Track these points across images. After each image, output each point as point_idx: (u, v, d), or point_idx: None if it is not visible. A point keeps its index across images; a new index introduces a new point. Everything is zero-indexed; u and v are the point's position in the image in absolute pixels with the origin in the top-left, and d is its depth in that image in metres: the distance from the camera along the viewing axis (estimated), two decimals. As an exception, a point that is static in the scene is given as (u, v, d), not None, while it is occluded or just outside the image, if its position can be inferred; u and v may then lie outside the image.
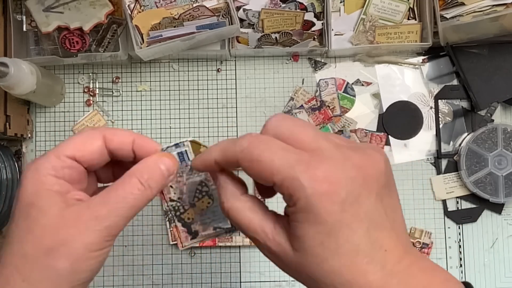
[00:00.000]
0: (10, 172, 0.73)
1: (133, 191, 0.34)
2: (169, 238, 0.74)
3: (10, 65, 0.60)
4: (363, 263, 0.30)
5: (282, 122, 0.33)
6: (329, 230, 0.29)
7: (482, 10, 0.68)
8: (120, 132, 0.36)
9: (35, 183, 0.33)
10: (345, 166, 0.30)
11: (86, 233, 0.32)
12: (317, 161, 0.30)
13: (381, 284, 0.30)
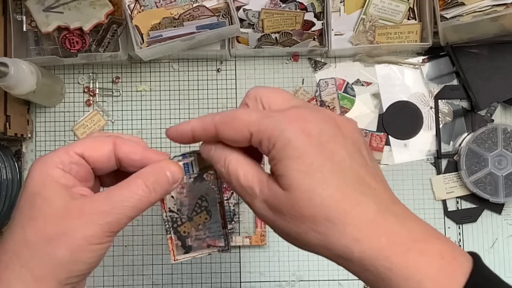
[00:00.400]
0: (10, 172, 0.73)
1: (138, 191, 0.35)
2: (169, 238, 0.74)
3: (10, 65, 0.60)
4: (355, 194, 0.30)
5: (259, 89, 0.35)
6: (311, 161, 0.30)
7: (482, 10, 0.68)
8: (130, 142, 0.37)
9: (42, 174, 0.34)
10: (319, 112, 0.32)
11: (88, 225, 0.33)
12: (291, 110, 0.32)
13: (378, 218, 0.30)
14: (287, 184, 0.31)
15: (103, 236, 0.33)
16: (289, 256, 0.75)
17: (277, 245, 0.75)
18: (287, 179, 0.31)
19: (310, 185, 0.30)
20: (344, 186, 0.30)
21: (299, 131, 0.31)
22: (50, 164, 0.35)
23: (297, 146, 0.30)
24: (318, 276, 0.75)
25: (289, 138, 0.30)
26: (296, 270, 0.75)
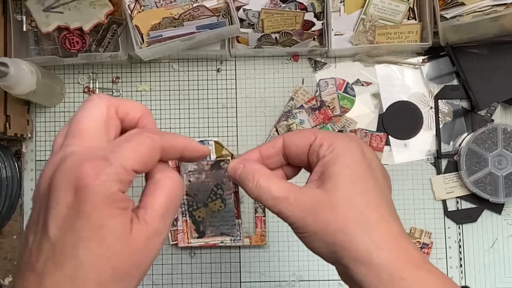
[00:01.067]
0: (10, 172, 0.73)
1: (178, 190, 0.34)
2: (169, 238, 0.74)
3: (10, 65, 0.60)
4: (386, 212, 0.35)
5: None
6: (361, 174, 0.36)
7: (482, 10, 0.68)
8: (175, 145, 0.35)
9: (105, 201, 0.30)
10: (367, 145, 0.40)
11: (152, 252, 0.33)
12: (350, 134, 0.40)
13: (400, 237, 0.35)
14: (333, 185, 0.35)
15: (160, 246, 0.34)
16: (289, 256, 0.75)
17: (277, 245, 0.75)
18: (335, 181, 0.35)
19: (354, 191, 0.35)
20: (379, 203, 0.35)
21: (358, 149, 0.37)
22: (110, 185, 0.31)
23: (353, 158, 0.36)
24: (318, 276, 0.75)
25: (349, 150, 0.36)
26: (296, 270, 0.75)
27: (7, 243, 0.75)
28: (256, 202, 0.47)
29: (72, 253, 0.30)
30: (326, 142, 0.37)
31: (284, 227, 0.75)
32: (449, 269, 0.74)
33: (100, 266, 0.31)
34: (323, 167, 0.36)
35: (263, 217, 0.74)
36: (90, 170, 0.30)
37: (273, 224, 0.75)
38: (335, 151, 0.36)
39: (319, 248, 0.36)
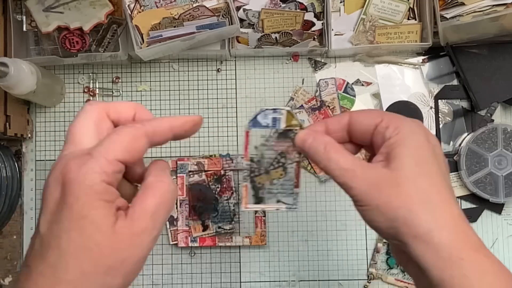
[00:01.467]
0: (10, 172, 0.73)
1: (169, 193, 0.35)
2: (169, 238, 0.74)
3: (10, 65, 0.60)
4: (448, 195, 0.37)
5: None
6: (425, 157, 0.37)
7: (482, 10, 0.68)
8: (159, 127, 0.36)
9: (86, 191, 0.32)
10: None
11: (139, 249, 0.33)
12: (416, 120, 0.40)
13: (460, 219, 0.36)
14: (399, 165, 0.36)
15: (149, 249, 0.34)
16: (289, 256, 0.75)
17: (277, 245, 0.75)
18: (400, 161, 0.37)
19: (419, 172, 0.36)
20: (442, 185, 0.37)
21: (423, 134, 0.38)
22: (92, 177, 0.32)
23: (419, 141, 0.37)
24: (318, 276, 0.75)
25: (414, 133, 0.38)
26: (296, 270, 0.75)
27: (7, 243, 0.75)
28: None
29: (56, 243, 0.32)
30: (392, 125, 0.38)
31: (284, 227, 0.75)
32: (449, 269, 0.74)
33: (81, 256, 0.31)
34: (388, 148, 0.38)
35: (263, 217, 0.74)
36: (74, 165, 0.32)
37: (273, 224, 0.75)
38: (401, 134, 0.37)
39: (378, 223, 0.37)
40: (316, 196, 0.76)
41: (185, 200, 0.74)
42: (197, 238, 0.73)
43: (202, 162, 0.74)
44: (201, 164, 0.74)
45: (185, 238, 0.73)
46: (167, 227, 0.74)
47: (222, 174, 0.75)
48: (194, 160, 0.74)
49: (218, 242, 0.73)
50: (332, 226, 0.75)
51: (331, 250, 0.75)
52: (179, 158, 0.74)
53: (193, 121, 0.38)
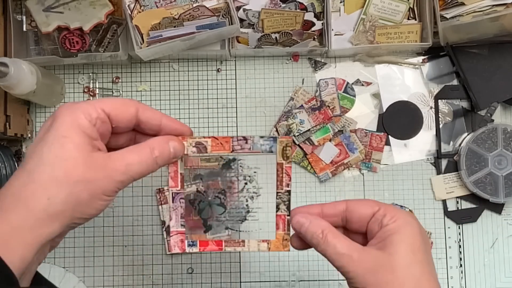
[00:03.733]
0: (10, 172, 0.73)
1: (147, 160, 0.41)
2: (165, 248, 0.74)
3: (10, 65, 0.60)
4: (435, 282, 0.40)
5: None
6: (418, 246, 0.41)
7: (482, 10, 0.68)
8: (152, 108, 0.43)
9: (73, 120, 0.38)
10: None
11: (107, 179, 0.38)
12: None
13: None
14: (395, 250, 0.40)
15: (113, 191, 0.39)
16: (289, 256, 0.75)
17: (277, 245, 0.75)
18: (396, 247, 0.40)
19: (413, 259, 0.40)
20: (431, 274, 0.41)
21: (416, 224, 0.42)
22: (78, 112, 0.38)
23: (413, 231, 0.41)
24: (318, 276, 0.75)
25: (410, 223, 0.41)
26: (296, 270, 0.75)
27: (7, 243, 0.75)
28: (278, 197, 0.51)
29: (37, 154, 0.38)
30: (389, 213, 0.42)
31: (284, 227, 0.75)
32: (449, 269, 0.75)
33: (56, 164, 0.37)
34: (385, 233, 0.41)
35: (287, 216, 0.54)
36: (66, 105, 0.39)
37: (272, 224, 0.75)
38: (398, 222, 0.41)
39: None
40: (316, 196, 0.76)
41: (179, 193, 0.54)
42: (196, 241, 0.55)
43: (204, 142, 0.53)
44: (201, 145, 0.53)
45: (180, 242, 0.54)
46: (164, 237, 0.74)
47: (231, 159, 0.55)
48: (192, 140, 0.50)
49: (226, 246, 0.55)
50: (332, 226, 0.75)
51: (331, 250, 0.75)
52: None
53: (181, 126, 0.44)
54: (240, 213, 0.56)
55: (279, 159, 0.50)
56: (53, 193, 0.37)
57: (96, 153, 0.39)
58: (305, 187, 0.75)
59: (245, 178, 0.56)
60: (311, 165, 0.75)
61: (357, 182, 0.76)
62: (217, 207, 0.55)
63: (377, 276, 0.39)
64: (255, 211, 0.56)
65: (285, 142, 0.49)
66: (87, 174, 0.38)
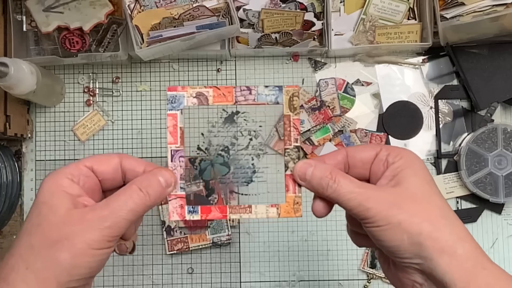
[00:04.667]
0: (10, 172, 0.73)
1: (133, 195, 0.38)
2: (165, 248, 0.74)
3: (10, 65, 0.60)
4: (450, 211, 0.38)
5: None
6: (430, 178, 0.39)
7: (482, 10, 0.68)
8: (135, 158, 0.42)
9: (52, 184, 0.37)
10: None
11: (89, 230, 0.36)
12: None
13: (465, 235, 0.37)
14: (411, 185, 0.38)
15: (103, 241, 0.36)
16: (289, 256, 0.75)
17: (277, 245, 0.75)
18: (411, 181, 0.38)
19: (431, 190, 0.39)
20: (447, 203, 0.39)
21: (420, 159, 0.40)
22: (60, 175, 0.38)
23: (421, 164, 0.40)
24: (318, 276, 0.75)
25: (416, 158, 0.40)
26: (296, 270, 0.75)
27: (7, 243, 0.75)
28: (287, 154, 0.45)
29: (21, 229, 0.38)
30: (393, 152, 0.40)
31: (284, 226, 0.75)
32: (449, 269, 0.74)
33: (32, 232, 0.36)
34: (394, 171, 0.39)
35: None
36: (51, 173, 0.39)
37: (272, 224, 0.75)
38: (405, 159, 0.39)
39: (400, 241, 0.37)
40: (316, 196, 0.76)
41: (179, 150, 0.46)
42: (197, 208, 0.46)
43: (205, 93, 0.46)
44: (202, 96, 0.47)
45: (180, 207, 0.45)
46: (164, 237, 0.74)
47: (235, 111, 0.48)
48: (192, 90, 0.45)
49: (230, 213, 0.46)
50: (332, 226, 0.75)
51: (331, 250, 0.75)
52: (169, 87, 0.46)
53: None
54: (246, 173, 0.48)
55: (286, 111, 0.45)
56: (31, 261, 0.35)
57: (75, 210, 0.37)
58: (305, 187, 0.75)
59: (249, 133, 0.49)
60: (311, 165, 0.75)
61: (357, 182, 0.76)
62: (220, 166, 0.47)
63: (402, 209, 0.37)
64: (262, 170, 0.48)
65: (292, 91, 0.45)
66: (63, 232, 0.36)
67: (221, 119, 0.46)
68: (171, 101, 0.46)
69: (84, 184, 0.39)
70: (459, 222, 0.38)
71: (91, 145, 0.77)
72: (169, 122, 0.45)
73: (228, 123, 0.46)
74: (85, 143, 0.77)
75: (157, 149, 0.76)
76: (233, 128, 0.47)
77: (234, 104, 0.46)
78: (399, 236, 0.36)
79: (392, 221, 0.36)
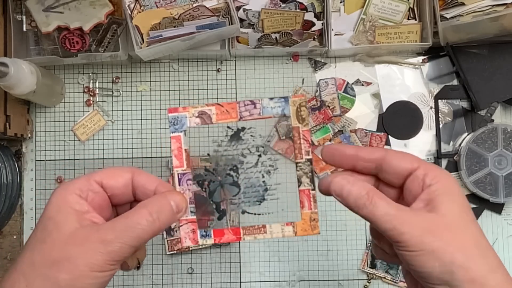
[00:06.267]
0: (10, 172, 0.73)
1: (141, 221, 0.36)
2: (166, 249, 0.74)
3: (10, 65, 0.60)
4: (484, 240, 0.38)
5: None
6: (467, 205, 0.38)
7: (482, 10, 0.68)
8: (148, 174, 0.40)
9: (59, 199, 0.37)
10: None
11: (91, 253, 0.35)
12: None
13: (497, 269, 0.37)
14: (447, 212, 0.37)
15: (105, 265, 0.35)
16: (289, 256, 0.75)
17: (277, 245, 0.75)
18: (448, 208, 0.37)
19: (467, 219, 0.38)
20: (482, 232, 0.38)
21: (458, 184, 0.39)
22: (68, 190, 0.37)
23: (459, 190, 0.39)
24: (318, 276, 0.75)
25: (454, 183, 0.39)
26: (296, 270, 0.75)
27: (7, 243, 0.75)
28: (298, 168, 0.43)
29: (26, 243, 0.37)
30: (431, 173, 0.39)
31: (284, 227, 0.75)
32: (449, 269, 0.74)
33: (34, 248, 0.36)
34: (430, 195, 0.38)
35: (311, 191, 0.44)
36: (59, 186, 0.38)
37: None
38: (442, 182, 0.38)
39: (432, 268, 0.36)
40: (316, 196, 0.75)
41: (186, 173, 0.44)
42: (210, 231, 0.44)
43: (207, 111, 0.44)
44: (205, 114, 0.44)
45: (192, 232, 0.44)
46: (164, 237, 0.74)
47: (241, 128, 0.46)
48: (194, 110, 0.43)
49: (244, 235, 0.44)
50: (332, 226, 0.75)
51: (331, 250, 0.75)
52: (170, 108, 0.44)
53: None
54: (257, 192, 0.46)
55: (294, 122, 0.42)
56: (31, 279, 0.35)
57: (80, 229, 0.36)
58: (305, 187, 0.75)
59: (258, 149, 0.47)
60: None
61: (357, 182, 0.76)
62: (230, 187, 0.45)
63: (436, 237, 0.36)
64: (274, 188, 0.46)
65: (299, 101, 0.42)
66: (65, 252, 0.35)
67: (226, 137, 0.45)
68: (173, 123, 0.43)
69: (93, 200, 0.38)
70: (492, 252, 0.37)
71: (91, 145, 0.77)
72: (173, 145, 0.43)
73: (235, 141, 0.45)
74: (85, 143, 0.77)
75: (157, 149, 0.76)
76: (240, 145, 0.45)
77: (238, 120, 0.43)
78: (431, 263, 0.36)
79: (426, 248, 0.36)
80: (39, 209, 0.76)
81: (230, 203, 0.45)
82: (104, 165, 0.76)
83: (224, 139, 0.45)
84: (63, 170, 0.76)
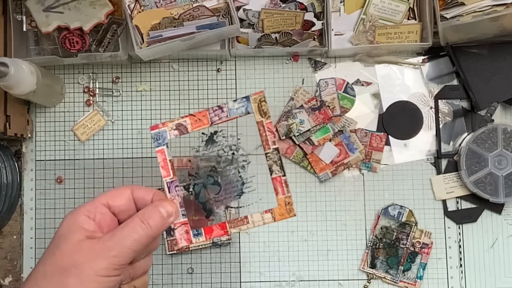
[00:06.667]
0: (10, 172, 0.73)
1: (136, 227, 0.42)
2: (166, 249, 0.74)
3: (10, 65, 0.60)
4: None
5: None
6: None
7: (482, 10, 0.68)
8: (144, 187, 0.46)
9: (70, 220, 0.42)
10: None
11: (96, 259, 0.40)
12: None
13: None
14: None
15: (110, 269, 0.40)
16: (289, 256, 0.75)
17: (277, 245, 0.75)
18: None
19: None
20: None
21: None
22: (78, 212, 0.42)
23: None
24: (318, 276, 0.75)
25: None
26: (296, 270, 0.75)
27: (7, 243, 0.75)
28: (268, 158, 0.45)
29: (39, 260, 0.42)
30: None
31: (284, 226, 0.75)
32: (449, 269, 0.75)
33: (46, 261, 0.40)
34: None
35: (282, 177, 0.48)
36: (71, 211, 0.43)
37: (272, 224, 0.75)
38: None
39: None
40: (316, 196, 0.76)
41: (173, 181, 0.49)
42: (201, 230, 0.49)
43: (183, 123, 0.49)
44: (182, 126, 0.49)
45: (186, 233, 0.49)
46: (164, 237, 0.74)
47: (213, 132, 0.53)
48: (172, 124, 0.48)
49: (230, 228, 0.49)
50: (332, 226, 0.75)
51: (331, 250, 0.75)
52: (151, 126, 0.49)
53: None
54: (236, 187, 0.52)
55: (258, 118, 0.47)
56: (43, 286, 0.39)
57: (86, 240, 0.41)
58: (305, 187, 0.75)
59: (231, 148, 0.54)
60: (311, 165, 0.75)
61: (357, 182, 0.76)
62: (212, 186, 0.51)
63: None
64: (250, 180, 0.52)
65: (258, 97, 0.46)
66: (72, 260, 0.40)
67: (202, 142, 0.51)
68: (156, 138, 0.48)
69: (100, 220, 0.43)
70: None
71: (91, 145, 0.77)
72: (159, 158, 0.48)
73: (210, 144, 0.52)
74: (85, 143, 0.77)
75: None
76: (215, 147, 0.52)
77: (210, 125, 0.48)
78: None
79: None
80: (39, 209, 0.76)
81: (215, 201, 0.50)
82: (104, 165, 0.76)
83: (200, 144, 0.52)
84: (63, 170, 0.76)
